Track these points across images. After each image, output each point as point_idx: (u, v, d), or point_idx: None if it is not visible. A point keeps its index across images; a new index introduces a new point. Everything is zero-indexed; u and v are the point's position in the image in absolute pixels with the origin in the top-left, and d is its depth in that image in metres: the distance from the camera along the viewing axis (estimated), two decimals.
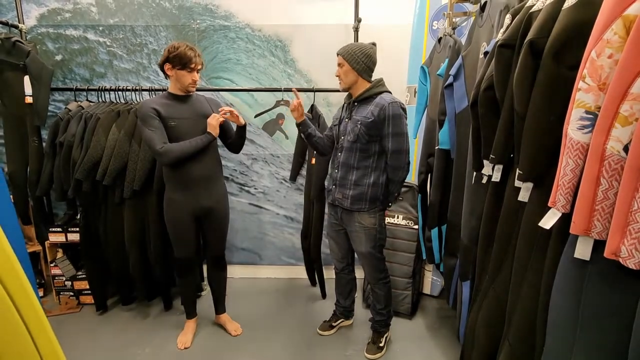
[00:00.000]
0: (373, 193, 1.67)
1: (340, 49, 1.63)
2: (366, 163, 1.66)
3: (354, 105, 1.69)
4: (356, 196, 1.67)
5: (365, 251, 1.73)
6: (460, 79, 1.49)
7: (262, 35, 2.44)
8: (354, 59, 1.59)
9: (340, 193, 1.71)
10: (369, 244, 1.72)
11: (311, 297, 2.48)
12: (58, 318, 2.19)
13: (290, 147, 2.54)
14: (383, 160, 1.68)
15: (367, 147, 1.64)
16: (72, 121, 2.09)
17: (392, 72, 2.33)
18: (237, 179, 2.62)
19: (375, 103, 1.60)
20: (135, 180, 2.01)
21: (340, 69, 1.64)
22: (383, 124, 1.59)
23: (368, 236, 1.71)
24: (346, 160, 1.68)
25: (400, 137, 1.60)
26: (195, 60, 1.68)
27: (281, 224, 2.69)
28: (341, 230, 1.83)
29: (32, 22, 2.40)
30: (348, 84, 1.65)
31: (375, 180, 1.67)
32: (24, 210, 2.32)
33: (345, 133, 1.69)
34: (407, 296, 2.18)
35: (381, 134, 1.62)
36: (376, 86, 1.65)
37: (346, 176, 1.68)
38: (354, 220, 1.71)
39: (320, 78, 2.47)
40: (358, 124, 1.62)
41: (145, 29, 2.43)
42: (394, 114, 1.57)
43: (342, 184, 1.70)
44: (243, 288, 2.59)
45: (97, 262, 2.18)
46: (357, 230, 1.72)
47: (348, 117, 1.70)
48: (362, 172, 1.66)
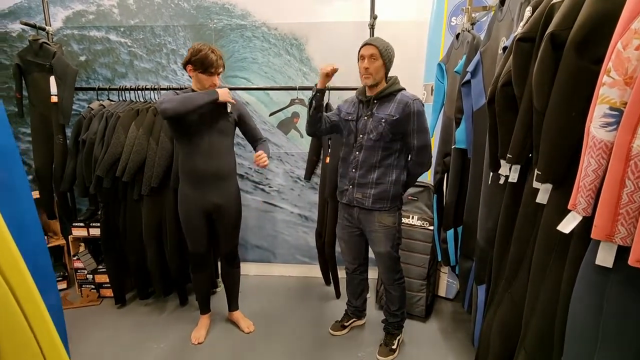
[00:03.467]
0: (395, 191, 1.65)
1: (374, 39, 1.58)
2: (388, 161, 1.63)
3: (373, 102, 1.64)
4: (378, 195, 1.64)
5: (384, 251, 1.71)
6: (478, 75, 1.44)
7: (278, 34, 2.44)
8: (388, 57, 1.57)
9: (359, 193, 1.68)
10: (389, 243, 1.69)
11: (325, 296, 2.46)
12: (79, 310, 2.28)
13: (305, 146, 2.53)
14: (403, 158, 1.66)
15: (390, 145, 1.62)
16: (94, 120, 2.16)
17: (409, 69, 2.28)
18: (252, 177, 2.64)
19: (398, 100, 1.58)
20: (153, 177, 2.06)
21: (373, 62, 1.56)
22: (408, 121, 1.57)
23: (387, 236, 1.69)
24: (367, 159, 1.65)
25: (425, 133, 1.60)
26: (216, 64, 1.69)
27: (295, 222, 2.69)
28: (355, 232, 1.80)
29: (59, 24, 2.49)
30: (377, 81, 1.60)
31: (397, 177, 1.65)
32: (50, 205, 2.42)
33: (366, 131, 1.64)
34: (421, 298, 2.13)
35: (405, 131, 1.60)
36: (395, 83, 1.63)
37: (367, 175, 1.66)
38: (374, 220, 1.68)
39: (335, 76, 2.42)
40: (382, 122, 1.59)
41: (164, 29, 2.48)
42: (418, 110, 1.56)
43: (361, 184, 1.67)
44: (257, 285, 2.61)
45: (117, 256, 2.24)
46: (377, 230, 1.69)
47: (368, 115, 1.65)
48: (384, 171, 1.64)
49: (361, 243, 1.84)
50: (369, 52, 1.57)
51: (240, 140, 2.57)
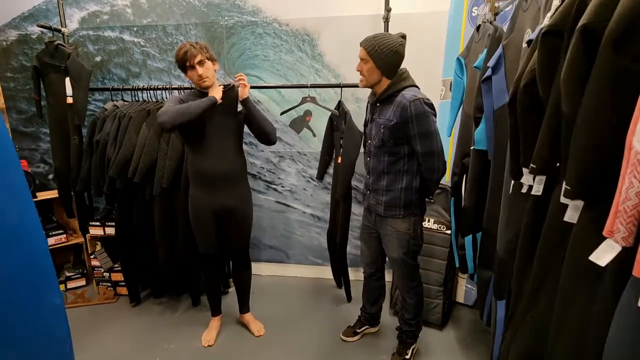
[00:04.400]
0: (406, 198, 1.56)
1: (364, 40, 1.48)
2: (396, 167, 1.54)
3: (376, 105, 1.57)
4: (389, 202, 1.57)
5: (397, 257, 1.63)
6: (500, 71, 1.32)
7: (290, 30, 2.37)
8: (379, 57, 1.44)
9: (374, 199, 1.63)
10: (401, 249, 1.61)
11: (336, 299, 2.41)
12: (96, 307, 2.32)
13: (318, 145, 2.46)
14: (415, 163, 1.55)
15: (395, 151, 1.52)
16: (107, 120, 2.18)
17: (427, 64, 2.16)
18: (265, 177, 2.60)
19: (397, 103, 1.47)
20: (164, 178, 2.05)
21: (363, 65, 1.50)
22: (407, 125, 1.45)
23: (400, 241, 1.61)
24: (376, 166, 1.58)
25: (429, 137, 1.46)
26: (189, 55, 1.60)
27: (308, 222, 2.64)
28: (374, 234, 1.73)
29: (75, 26, 2.52)
30: (370, 83, 1.53)
31: (408, 184, 1.55)
32: (68, 204, 2.47)
33: (371, 137, 1.58)
34: (437, 305, 2.03)
35: (407, 136, 1.49)
36: (398, 82, 1.49)
37: (378, 182, 1.59)
38: (387, 224, 1.62)
39: (348, 72, 2.36)
40: (381, 128, 1.50)
41: (176, 27, 2.46)
42: (417, 113, 1.42)
43: (375, 190, 1.62)
44: (269, 286, 2.59)
45: (131, 255, 2.27)
46: (389, 234, 1.62)
47: (372, 120, 1.59)
48: (393, 177, 1.55)
49: (380, 246, 1.76)
50: (359, 54, 1.49)
51: (252, 139, 2.53)
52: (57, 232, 2.47)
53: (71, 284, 2.55)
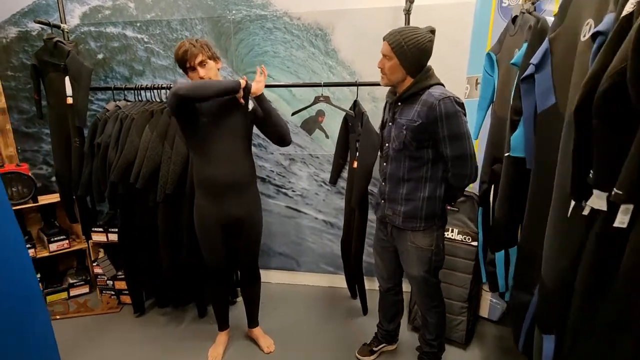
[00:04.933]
0: (429, 209, 1.40)
1: (389, 34, 1.32)
2: (418, 173, 1.38)
3: (397, 105, 1.41)
4: (409, 213, 1.41)
5: (417, 275, 1.48)
6: (546, 69, 1.15)
7: (301, 24, 2.21)
8: (404, 54, 1.28)
9: (390, 209, 1.47)
10: (422, 267, 1.46)
11: (351, 311, 2.27)
12: (99, 317, 2.23)
13: (331, 147, 2.31)
14: (439, 168, 1.39)
15: (418, 155, 1.36)
16: (109, 122, 2.05)
17: (450, 60, 1.98)
18: (274, 181, 2.46)
19: (422, 101, 1.31)
20: (168, 184, 1.93)
21: (386, 62, 1.34)
22: (435, 126, 1.30)
23: (421, 258, 1.45)
24: (394, 172, 1.42)
25: (460, 139, 1.30)
26: (189, 55, 1.48)
27: (320, 229, 2.50)
28: (389, 248, 1.58)
29: (76, 21, 2.40)
30: (392, 82, 1.37)
31: (431, 193, 1.39)
32: (70, 209, 2.37)
33: (390, 139, 1.42)
34: (461, 322, 1.88)
35: (434, 138, 1.33)
36: (422, 79, 1.34)
37: (395, 190, 1.43)
38: (406, 239, 1.46)
39: (364, 69, 2.20)
40: (403, 129, 1.34)
41: (181, 22, 2.32)
42: (446, 112, 1.27)
43: (391, 199, 1.46)
44: (279, 295, 2.46)
45: (134, 264, 2.16)
46: (409, 250, 1.46)
47: (391, 121, 1.43)
48: (414, 185, 1.39)
49: (397, 260, 1.61)
50: (382, 50, 1.34)
51: (262, 140, 2.40)
52: (59, 238, 2.37)
53: (74, 291, 2.46)
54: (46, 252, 2.34)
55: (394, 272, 1.66)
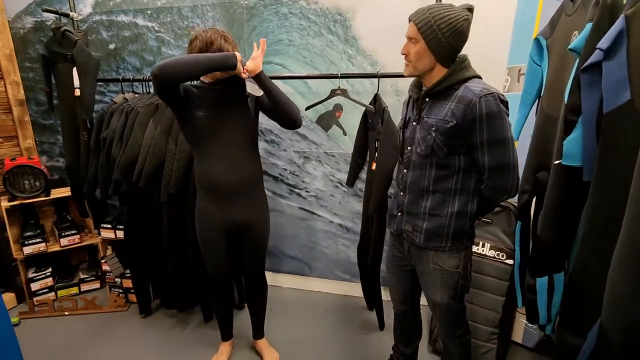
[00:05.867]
0: (457, 227, 1.17)
1: (416, 12, 1.09)
2: (447, 184, 1.15)
3: (424, 101, 1.17)
4: (433, 230, 1.18)
5: (439, 301, 1.25)
6: (619, 55, 0.89)
7: (319, 9, 2.00)
8: (434, 36, 1.05)
9: (409, 224, 1.24)
10: (447, 292, 1.23)
11: (366, 325, 2.08)
12: (106, 315, 2.18)
13: (349, 145, 2.11)
14: (472, 178, 1.16)
15: (448, 162, 1.13)
16: (114, 115, 1.96)
17: (487, 48, 1.71)
18: (287, 180, 2.29)
19: (458, 98, 1.08)
20: (172, 183, 1.80)
21: (411, 46, 1.11)
22: (472, 129, 1.07)
23: (445, 282, 1.23)
24: (417, 181, 1.19)
25: (502, 146, 1.07)
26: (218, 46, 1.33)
27: (335, 233, 2.31)
28: (406, 267, 1.36)
29: (88, 10, 2.32)
30: (418, 71, 1.13)
31: (461, 208, 1.16)
32: (81, 203, 2.32)
33: (414, 142, 1.19)
34: (490, 350, 1.65)
35: (470, 143, 1.10)
36: (458, 70, 1.10)
37: (417, 202, 1.20)
38: (428, 259, 1.23)
39: (388, 59, 1.96)
40: (432, 131, 1.11)
41: (192, 9, 2.18)
42: (488, 112, 1.04)
43: (411, 212, 1.23)
44: (289, 301, 2.31)
45: (140, 263, 2.07)
46: (431, 273, 1.24)
47: (416, 120, 1.19)
48: (441, 198, 1.17)
49: (415, 280, 1.38)
50: (407, 32, 1.11)
51: (274, 137, 2.23)
52: (70, 233, 2.34)
53: (85, 286, 2.44)
54: (57, 247, 2.32)
55: (412, 295, 1.43)
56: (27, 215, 2.34)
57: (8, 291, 2.27)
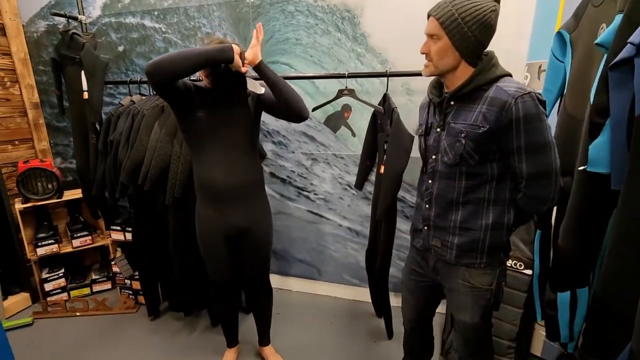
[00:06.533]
0: (493, 241, 1.06)
1: (436, 7, 0.98)
2: (478, 194, 1.05)
3: (449, 105, 1.06)
4: (465, 246, 1.08)
5: (469, 321, 1.14)
6: None
7: (326, 6, 1.93)
8: (460, 31, 0.95)
9: (437, 240, 1.13)
10: (478, 311, 1.12)
11: (375, 332, 2.01)
12: (115, 317, 2.19)
13: (358, 147, 2.04)
14: (506, 187, 1.05)
15: (479, 171, 1.03)
16: (121, 117, 1.95)
17: (505, 41, 1.60)
18: (295, 182, 2.24)
19: (489, 99, 0.97)
20: (177, 186, 1.78)
21: (432, 43, 1.00)
22: (507, 133, 0.96)
23: (477, 300, 1.11)
24: (444, 193, 1.09)
25: (544, 151, 0.96)
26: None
27: (344, 237, 2.25)
28: (425, 282, 1.24)
29: (98, 12, 2.33)
30: (441, 69, 1.02)
31: (497, 219, 1.05)
32: (92, 205, 2.34)
33: (439, 150, 1.08)
34: None
35: (504, 149, 0.99)
36: (486, 69, 0.99)
37: (445, 215, 1.10)
38: (458, 276, 1.12)
39: (398, 57, 1.88)
40: (461, 137, 1.01)
41: (198, 9, 2.15)
42: (526, 114, 0.93)
43: (439, 227, 1.12)
44: (297, 305, 2.27)
45: (147, 266, 2.07)
46: (460, 291, 1.13)
47: (440, 125, 1.08)
48: (473, 209, 1.06)
49: (432, 298, 1.29)
50: (427, 29, 1.01)
51: (282, 138, 2.18)
52: (82, 234, 2.37)
53: (97, 287, 2.47)
54: (70, 248, 2.35)
55: (424, 312, 1.34)
56: (41, 216, 2.39)
57: (23, 291, 2.32)
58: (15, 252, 2.26)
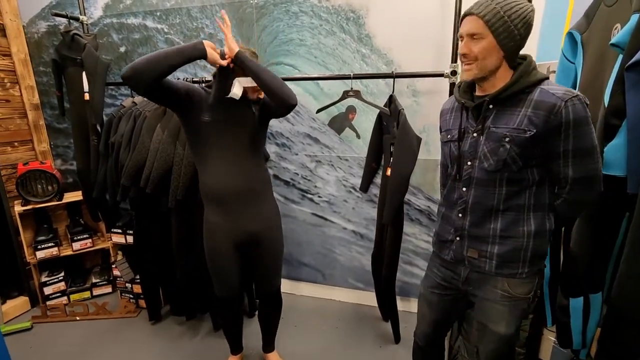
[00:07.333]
0: (536, 248, 1.02)
1: (477, 4, 0.94)
2: (519, 201, 1.01)
3: (488, 108, 1.00)
4: (507, 256, 1.03)
5: (504, 332, 1.09)
6: None
7: (331, 6, 1.91)
8: (507, 29, 0.92)
9: (473, 250, 1.08)
10: (514, 322, 1.08)
11: (381, 337, 1.98)
12: (116, 321, 2.16)
13: (363, 149, 2.02)
14: (545, 192, 1.02)
15: (520, 177, 0.99)
16: (122, 119, 1.93)
17: None
18: (299, 184, 2.22)
19: (534, 103, 0.94)
20: (179, 188, 1.76)
21: (474, 44, 0.95)
22: (555, 137, 0.93)
23: (514, 311, 1.07)
24: (483, 201, 1.04)
25: (590, 155, 0.94)
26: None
27: (349, 240, 2.22)
28: (449, 295, 1.19)
29: (99, 13, 2.31)
30: (485, 71, 0.97)
31: (539, 226, 1.01)
32: (93, 207, 2.31)
33: (476, 157, 1.03)
34: None
35: (549, 153, 0.97)
36: (529, 72, 0.96)
37: (482, 224, 1.05)
38: (496, 286, 1.07)
39: (404, 58, 1.86)
40: (505, 142, 0.96)
41: (201, 10, 2.12)
42: (576, 118, 0.90)
43: (475, 236, 1.07)
44: (302, 309, 2.24)
45: (150, 270, 2.04)
46: (497, 301, 1.07)
47: (479, 130, 1.02)
48: (514, 217, 1.02)
49: (454, 312, 1.24)
50: (467, 29, 0.95)
51: (285, 140, 2.16)
52: (82, 237, 2.34)
53: (97, 290, 2.43)
54: (70, 251, 2.32)
55: (443, 329, 1.30)
56: (41, 219, 2.35)
57: (22, 295, 2.29)
58: (14, 255, 2.23)
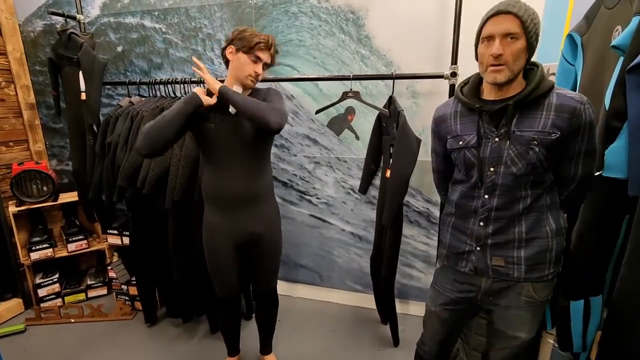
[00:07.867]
0: (559, 247, 1.04)
1: (513, 4, 0.91)
2: (540, 202, 1.02)
3: (511, 113, 0.97)
4: (535, 257, 1.02)
5: (526, 337, 1.10)
6: None
7: (330, 7, 1.91)
8: (536, 33, 0.93)
9: (499, 258, 1.04)
10: (536, 326, 1.10)
11: (380, 340, 1.97)
12: (111, 324, 2.13)
13: (362, 150, 2.01)
14: (555, 191, 1.05)
15: (543, 179, 1.01)
16: (119, 119, 1.91)
17: None
18: (297, 186, 2.20)
19: (555, 106, 0.94)
20: (177, 189, 1.74)
21: (509, 45, 0.91)
22: (573, 138, 0.96)
23: (536, 315, 1.09)
24: (507, 207, 1.02)
25: (594, 155, 1.00)
26: (262, 47, 1.29)
27: (347, 242, 2.21)
28: (461, 309, 1.17)
29: (97, 12, 2.29)
30: (515, 73, 0.95)
31: (557, 223, 1.04)
32: (88, 208, 2.29)
33: (501, 162, 1.00)
34: None
35: (565, 154, 0.99)
36: (545, 78, 0.97)
37: (506, 230, 1.03)
38: (521, 293, 1.05)
39: (403, 59, 1.85)
40: (533, 146, 0.95)
41: (199, 10, 2.11)
42: (591, 120, 0.95)
43: (499, 244, 1.04)
44: (300, 311, 2.23)
45: (146, 271, 2.02)
46: (520, 307, 1.07)
47: (501, 135, 0.99)
48: (536, 218, 1.02)
49: (463, 323, 1.24)
50: (504, 28, 0.91)
51: (284, 141, 2.15)
52: (77, 238, 2.31)
53: (92, 292, 2.40)
54: (65, 252, 2.29)
55: (449, 344, 1.28)
56: (36, 219, 2.33)
57: (15, 297, 2.25)
58: (8, 256, 2.20)
